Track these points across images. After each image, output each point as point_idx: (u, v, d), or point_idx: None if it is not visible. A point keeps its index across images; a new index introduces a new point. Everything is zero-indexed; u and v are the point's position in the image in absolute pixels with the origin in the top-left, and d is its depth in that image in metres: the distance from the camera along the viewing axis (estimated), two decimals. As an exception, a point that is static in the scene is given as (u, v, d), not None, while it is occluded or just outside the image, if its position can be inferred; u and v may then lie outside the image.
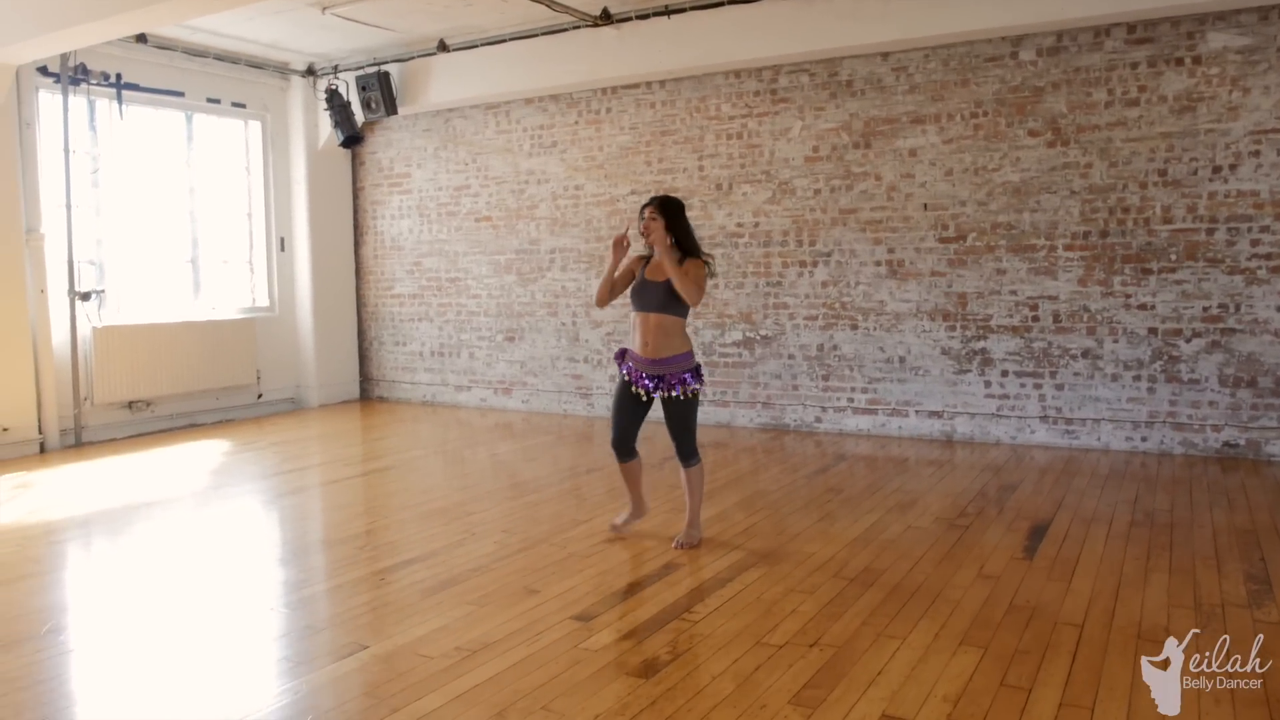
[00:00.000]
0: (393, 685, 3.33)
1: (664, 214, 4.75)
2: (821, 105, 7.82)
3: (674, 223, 4.77)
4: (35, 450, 7.54)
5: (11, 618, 4.12)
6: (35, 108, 7.64)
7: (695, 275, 4.71)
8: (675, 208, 4.81)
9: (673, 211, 4.79)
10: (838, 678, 3.30)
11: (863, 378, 7.85)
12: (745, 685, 3.26)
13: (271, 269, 9.85)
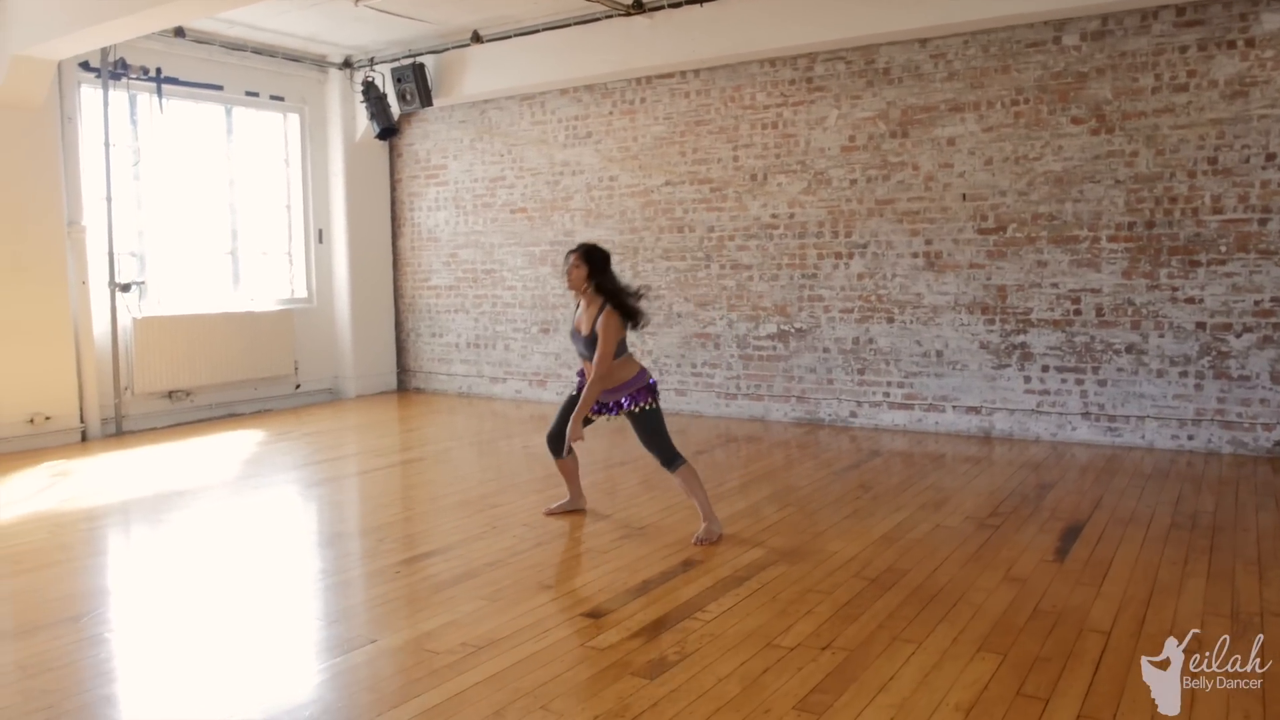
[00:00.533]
0: (395, 680, 3.31)
1: (586, 262, 4.91)
2: (858, 94, 7.65)
3: (594, 271, 4.90)
4: (77, 439, 7.68)
5: (39, 603, 4.19)
6: (77, 102, 7.77)
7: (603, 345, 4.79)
8: (599, 257, 4.95)
9: (595, 260, 4.92)
10: (847, 682, 3.20)
11: (899, 372, 7.69)
12: (751, 688, 3.18)
13: (310, 261, 9.94)
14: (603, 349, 4.78)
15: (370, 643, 3.66)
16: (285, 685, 3.29)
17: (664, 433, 4.95)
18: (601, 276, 4.89)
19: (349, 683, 3.30)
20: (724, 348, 8.51)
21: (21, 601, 4.28)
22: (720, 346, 8.53)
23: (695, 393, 8.68)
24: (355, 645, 3.62)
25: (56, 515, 5.57)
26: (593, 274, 4.88)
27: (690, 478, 4.92)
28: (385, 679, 3.33)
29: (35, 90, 7.12)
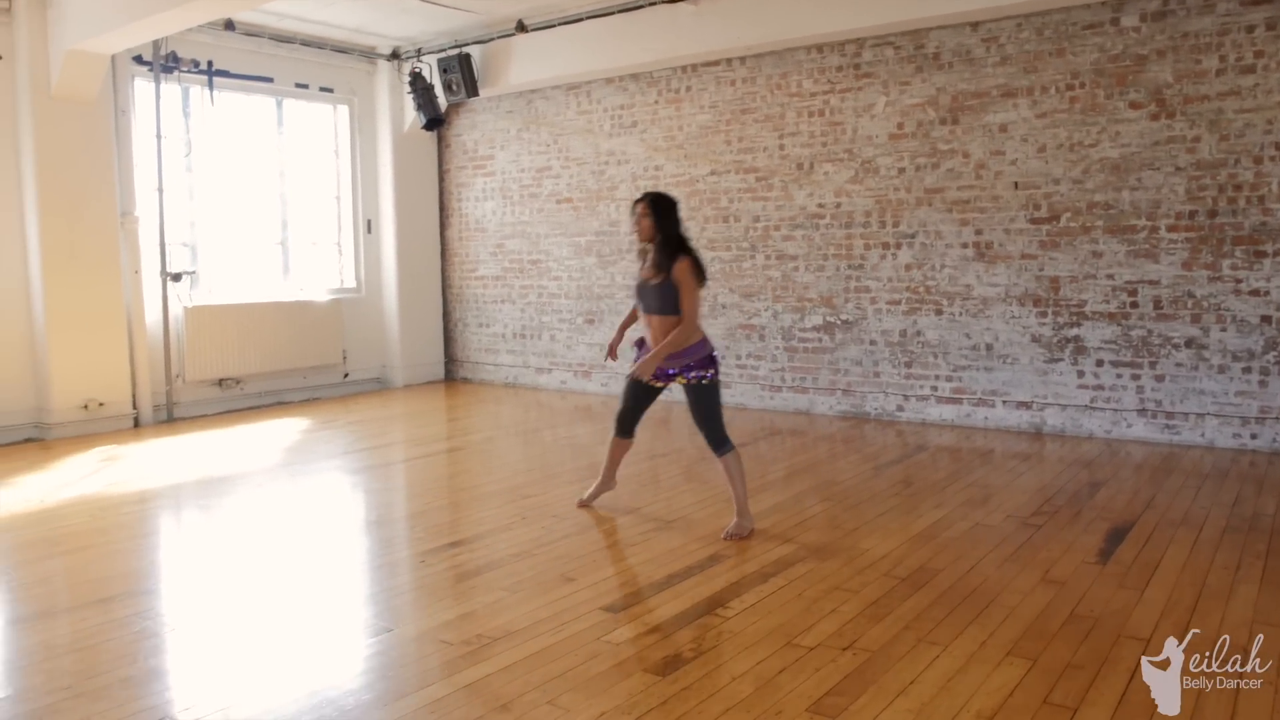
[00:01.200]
0: (406, 670, 3.29)
1: (654, 211, 4.72)
2: (907, 79, 7.45)
3: (663, 221, 4.71)
4: (130, 425, 7.85)
5: (72, 585, 4.27)
6: (131, 96, 7.93)
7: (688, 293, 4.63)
8: (666, 205, 4.74)
9: (662, 209, 4.72)
10: (865, 685, 3.09)
11: (947, 365, 7.48)
12: (765, 688, 3.09)
13: (358, 251, 10.03)
14: (689, 297, 4.60)
15: (386, 631, 3.65)
16: (295, 672, 3.28)
17: (719, 412, 4.81)
18: (671, 226, 4.71)
19: (360, 672, 3.29)
20: (769, 339, 8.38)
21: (56, 583, 4.37)
22: (765, 338, 8.40)
23: (740, 385, 8.57)
24: (371, 634, 3.62)
25: (100, 499, 5.69)
26: (660, 223, 4.69)
27: (735, 466, 4.80)
28: (397, 669, 3.31)
29: (89, 84, 7.28)
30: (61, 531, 5.04)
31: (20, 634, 3.71)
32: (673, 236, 4.70)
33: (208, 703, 3.06)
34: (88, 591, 4.16)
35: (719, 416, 4.81)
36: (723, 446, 4.79)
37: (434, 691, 3.10)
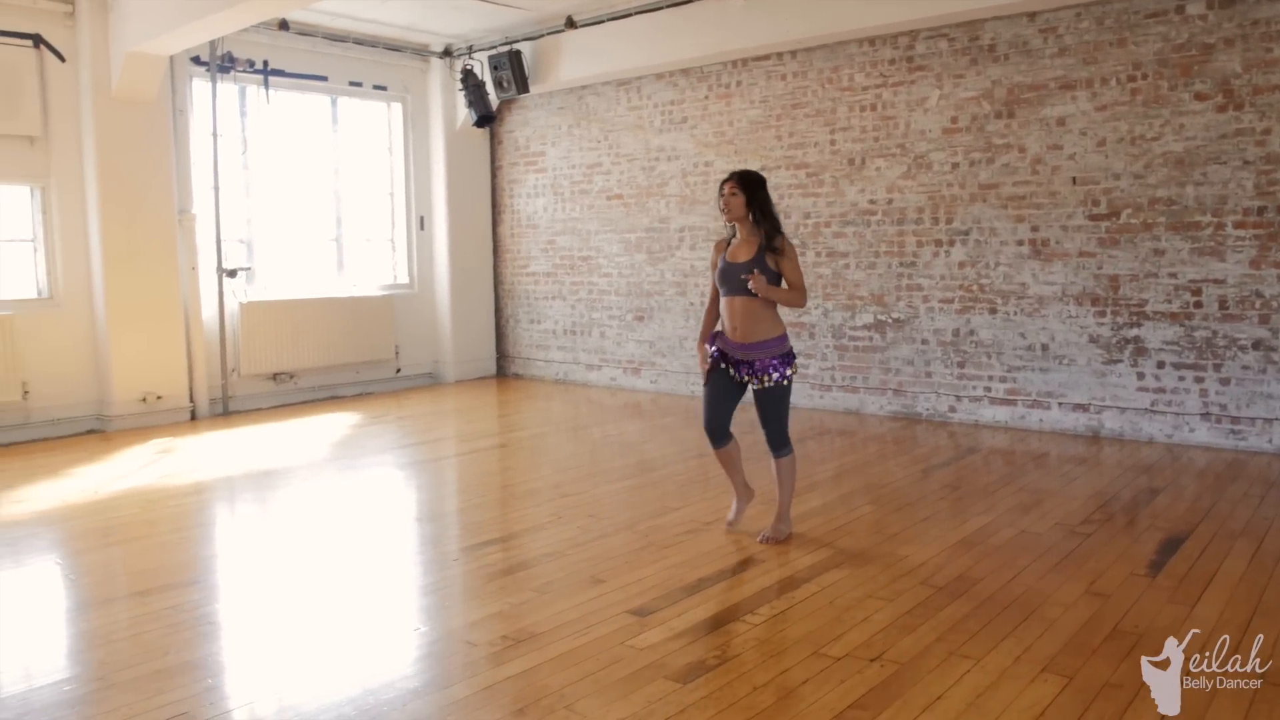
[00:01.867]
0: (429, 671, 3.29)
1: (744, 189, 4.51)
2: (961, 72, 7.26)
3: (754, 197, 4.51)
4: (186, 418, 8.03)
5: (116, 575, 4.37)
6: (189, 96, 8.10)
7: (793, 267, 4.48)
8: (756, 182, 4.55)
9: (753, 186, 4.53)
10: (891, 699, 3.00)
11: (1001, 366, 7.28)
12: (787, 699, 3.02)
13: (411, 247, 10.13)
14: (796, 275, 4.46)
15: (414, 630, 3.67)
16: (319, 669, 3.30)
17: (787, 412, 4.63)
18: (763, 203, 4.51)
19: (381, 671, 3.29)
20: (819, 338, 8.25)
21: (101, 573, 4.47)
22: (815, 336, 8.27)
23: (788, 384, 8.44)
24: (398, 633, 3.63)
25: (153, 491, 5.82)
26: (752, 201, 4.48)
27: (789, 470, 4.66)
28: (418, 669, 3.31)
29: (148, 85, 7.45)
30: (113, 522, 5.16)
31: (65, 623, 3.80)
32: (769, 213, 4.51)
33: (234, 698, 3.09)
34: (129, 583, 4.26)
35: (786, 417, 4.64)
36: (783, 448, 4.65)
37: (453, 693, 3.10)
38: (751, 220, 4.52)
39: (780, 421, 4.65)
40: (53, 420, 7.41)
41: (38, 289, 7.48)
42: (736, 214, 4.52)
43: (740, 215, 4.52)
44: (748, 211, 4.51)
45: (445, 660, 3.38)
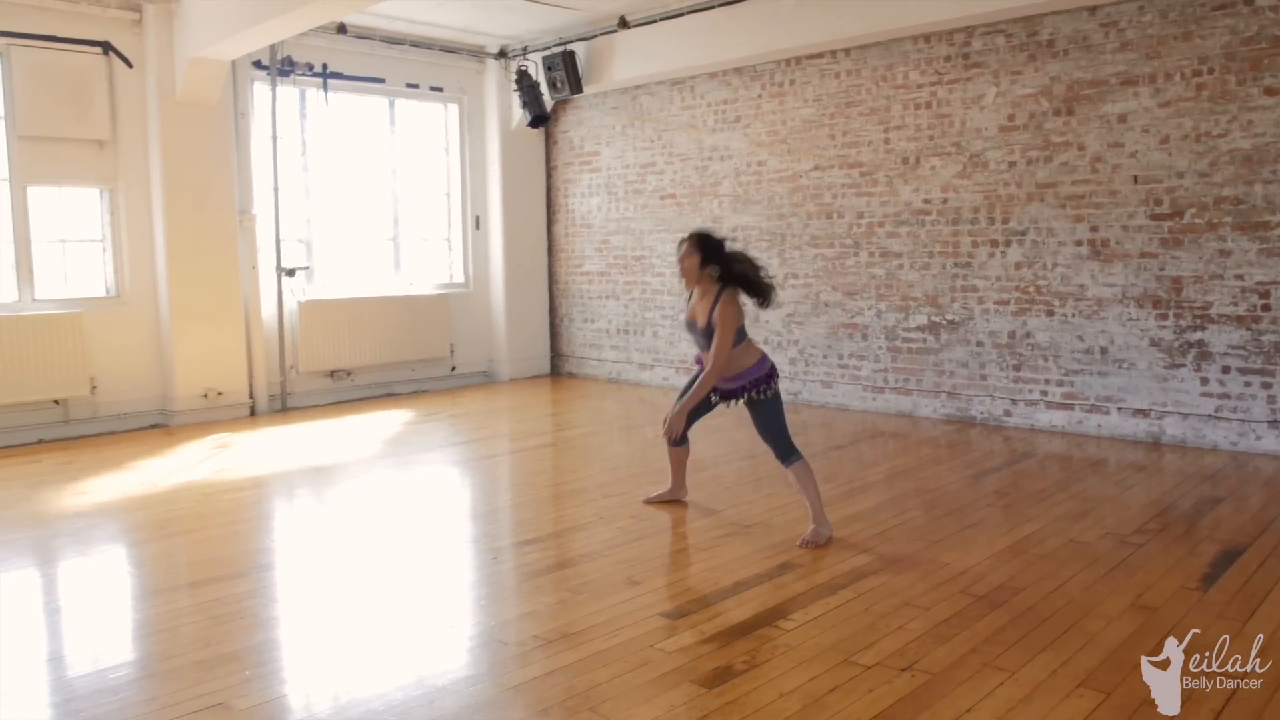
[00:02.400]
0: (458, 670, 3.33)
1: (699, 251, 4.69)
2: (1019, 69, 7.10)
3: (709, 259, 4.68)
4: (246, 413, 8.24)
5: (165, 568, 4.50)
6: (250, 99, 8.29)
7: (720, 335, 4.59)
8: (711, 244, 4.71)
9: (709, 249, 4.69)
10: (918, 710, 2.95)
11: (1058, 369, 7.11)
12: (811, 707, 2.98)
13: (467, 246, 10.24)
14: (720, 339, 4.59)
15: (448, 628, 3.71)
16: (352, 666, 3.36)
17: (782, 424, 4.74)
18: (719, 263, 4.67)
19: (409, 669, 3.33)
20: (872, 339, 8.14)
21: (154, 565, 4.61)
22: (868, 337, 8.17)
23: (841, 385, 8.37)
24: (433, 631, 3.67)
25: (208, 485, 5.98)
26: (706, 262, 4.68)
27: (804, 475, 4.70)
28: (447, 668, 3.34)
29: (211, 89, 7.65)
30: (169, 515, 5.32)
31: (116, 613, 3.93)
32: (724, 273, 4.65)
33: (268, 690, 3.16)
34: (179, 576, 4.39)
35: (783, 428, 4.75)
36: (789, 457, 4.71)
37: (479, 692, 3.13)
38: (706, 280, 4.70)
39: (778, 431, 4.74)
40: (119, 414, 7.66)
41: (106, 287, 7.74)
42: (689, 274, 4.74)
43: (693, 276, 4.72)
44: (702, 273, 4.69)
45: (475, 659, 3.42)
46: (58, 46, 7.23)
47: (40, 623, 3.86)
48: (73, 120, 7.34)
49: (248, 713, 2.99)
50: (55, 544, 4.87)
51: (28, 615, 3.94)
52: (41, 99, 7.18)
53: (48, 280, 7.43)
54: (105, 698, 3.11)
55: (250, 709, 3.02)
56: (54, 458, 6.72)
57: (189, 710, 3.00)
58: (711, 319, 4.63)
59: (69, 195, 7.56)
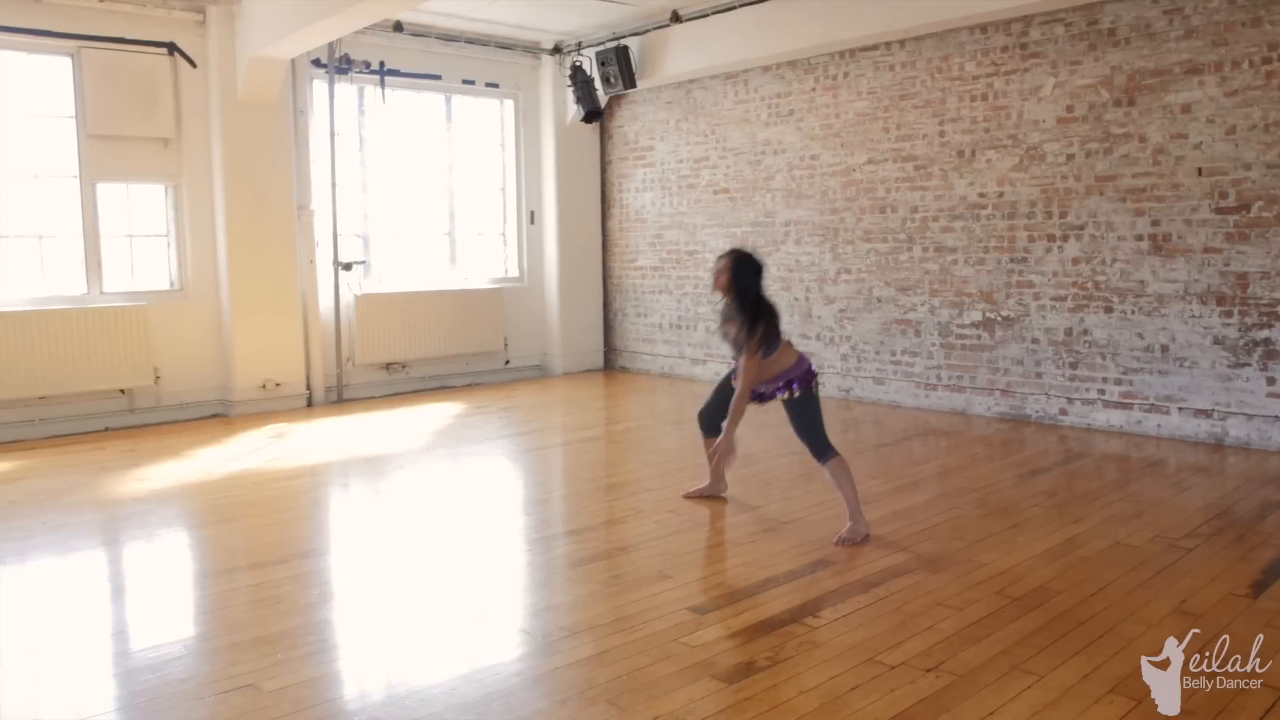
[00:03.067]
0: (484, 659, 3.36)
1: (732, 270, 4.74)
2: (1078, 59, 6.91)
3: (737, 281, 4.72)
4: (303, 404, 8.43)
5: (207, 555, 4.64)
6: (309, 97, 8.48)
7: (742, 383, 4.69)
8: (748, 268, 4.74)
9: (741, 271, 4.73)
10: (939, 711, 2.91)
11: (1116, 367, 6.91)
12: (830, 705, 2.96)
13: (521, 241, 10.33)
14: (740, 388, 4.69)
15: (478, 618, 3.75)
16: (376, 653, 3.42)
17: (819, 422, 4.72)
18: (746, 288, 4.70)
19: (435, 657, 3.39)
20: (925, 335, 8.01)
21: (199, 551, 4.75)
22: (921, 334, 8.04)
23: (894, 382, 8.25)
24: (462, 620, 3.72)
25: (259, 474, 6.13)
26: (734, 283, 4.73)
27: (840, 472, 4.66)
28: (473, 656, 3.39)
29: (271, 88, 7.84)
30: (219, 503, 5.48)
31: (158, 597, 4.06)
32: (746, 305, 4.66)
33: (287, 675, 3.23)
34: (223, 561, 4.52)
35: (819, 426, 4.74)
36: (825, 454, 4.69)
37: (499, 681, 3.16)
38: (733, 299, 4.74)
39: (814, 430, 4.72)
40: (181, 404, 7.91)
41: (170, 281, 7.98)
42: (721, 289, 4.80)
43: (723, 289, 4.79)
44: (730, 291, 4.74)
45: (500, 648, 3.45)
46: (126, 48, 7.48)
47: (88, 603, 4.00)
48: (139, 119, 7.59)
49: (276, 695, 3.07)
50: (110, 528, 5.04)
51: (76, 596, 4.09)
52: (110, 99, 7.43)
53: (115, 274, 7.70)
54: (144, 675, 3.22)
55: (279, 690, 3.09)
56: (118, 445, 6.96)
57: (219, 690, 3.09)
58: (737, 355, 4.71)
59: (136, 192, 7.81)
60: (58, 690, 3.16)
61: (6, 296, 7.21)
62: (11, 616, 3.85)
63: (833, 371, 8.61)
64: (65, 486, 5.79)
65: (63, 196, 7.46)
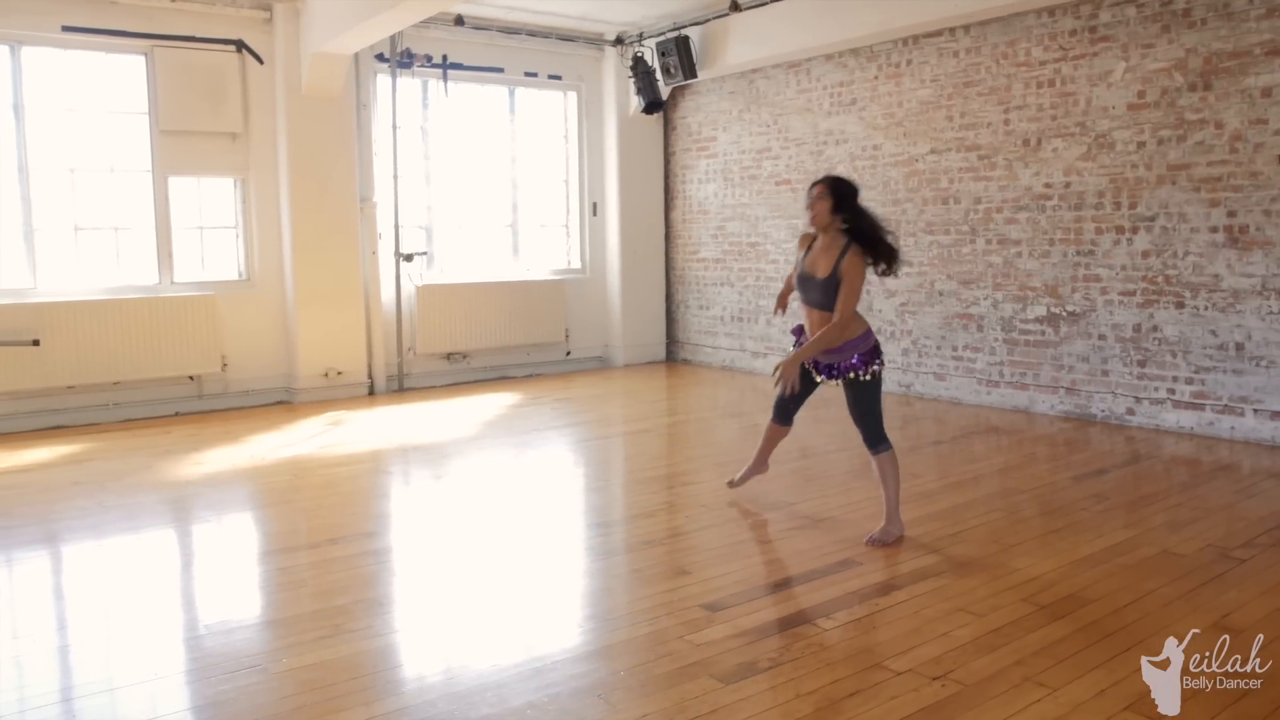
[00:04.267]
0: (481, 649, 3.38)
1: (832, 195, 4.37)
2: (1150, 41, 6.58)
3: (841, 206, 4.36)
4: (364, 392, 8.61)
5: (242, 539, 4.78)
6: (372, 91, 8.64)
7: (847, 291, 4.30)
8: (846, 191, 4.40)
9: (843, 195, 4.38)
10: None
11: (1188, 366, 6.58)
12: (824, 710, 2.88)
13: (584, 233, 10.36)
14: (846, 293, 4.28)
15: (483, 607, 3.77)
16: (384, 641, 3.47)
17: (878, 409, 4.50)
18: (851, 212, 4.36)
19: (439, 647, 3.42)
20: (987, 330, 7.76)
21: (231, 536, 4.89)
22: (983, 329, 7.79)
23: (954, 378, 8.02)
24: (473, 611, 3.74)
25: (309, 460, 6.28)
26: (838, 209, 4.34)
27: (889, 467, 4.49)
28: (474, 646, 3.40)
29: (333, 82, 8.01)
30: (265, 487, 5.63)
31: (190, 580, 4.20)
32: (853, 224, 4.34)
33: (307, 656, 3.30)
34: (257, 545, 4.64)
35: (878, 413, 4.51)
36: (879, 444, 4.49)
37: (495, 676, 3.16)
38: (838, 229, 4.37)
39: (871, 416, 4.50)
40: (247, 391, 8.16)
41: (238, 271, 8.24)
42: (820, 221, 4.40)
43: (824, 224, 4.39)
44: (832, 220, 4.37)
45: (503, 640, 3.46)
46: (196, 46, 7.73)
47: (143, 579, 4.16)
48: (209, 114, 7.83)
49: (281, 676, 3.13)
50: (157, 509, 5.22)
51: (127, 572, 4.25)
52: (181, 95, 7.69)
53: (186, 264, 7.97)
54: (209, 642, 3.33)
55: (284, 672, 3.16)
56: (183, 430, 7.22)
57: (230, 670, 3.17)
58: (837, 269, 4.32)
59: (206, 185, 8.07)
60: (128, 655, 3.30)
61: (85, 286, 7.53)
62: (72, 591, 4.03)
63: (893, 366, 8.41)
64: (126, 469, 6.03)
65: (137, 190, 7.75)
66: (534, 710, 2.90)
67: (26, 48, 7.25)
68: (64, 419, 7.35)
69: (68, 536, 4.75)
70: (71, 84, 7.47)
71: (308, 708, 2.91)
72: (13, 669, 3.27)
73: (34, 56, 7.29)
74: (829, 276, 4.35)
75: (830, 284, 4.35)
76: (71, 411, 7.39)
